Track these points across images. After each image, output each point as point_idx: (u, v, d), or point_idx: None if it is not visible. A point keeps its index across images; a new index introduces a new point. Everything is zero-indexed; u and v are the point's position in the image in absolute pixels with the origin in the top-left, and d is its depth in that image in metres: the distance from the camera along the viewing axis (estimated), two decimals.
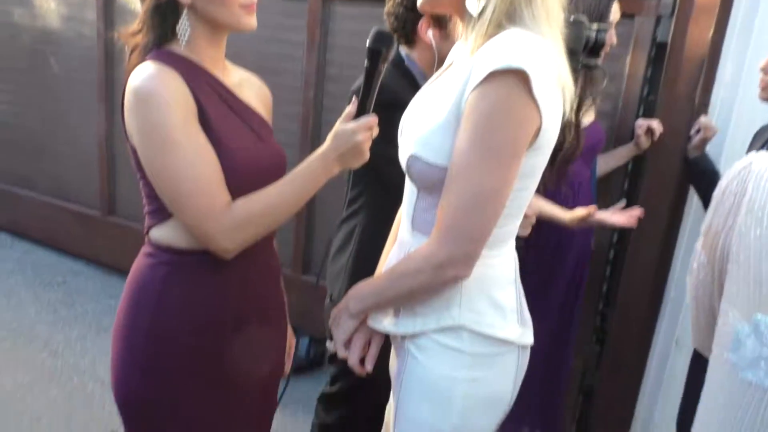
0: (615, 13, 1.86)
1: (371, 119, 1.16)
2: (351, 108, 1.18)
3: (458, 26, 1.15)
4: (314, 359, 2.91)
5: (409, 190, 1.15)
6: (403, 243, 1.17)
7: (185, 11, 1.11)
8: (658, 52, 2.21)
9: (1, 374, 2.70)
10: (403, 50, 1.68)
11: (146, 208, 1.18)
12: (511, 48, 0.94)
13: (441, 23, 1.57)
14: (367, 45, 1.16)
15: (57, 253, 4.05)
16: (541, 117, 0.98)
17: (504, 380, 1.12)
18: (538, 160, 1.06)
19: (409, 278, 1.05)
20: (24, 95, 3.99)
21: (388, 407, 1.35)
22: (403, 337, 1.14)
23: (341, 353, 1.18)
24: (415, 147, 1.06)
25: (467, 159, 0.98)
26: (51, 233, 4.06)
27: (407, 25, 1.61)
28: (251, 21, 1.14)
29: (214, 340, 1.19)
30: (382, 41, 1.15)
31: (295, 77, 2.89)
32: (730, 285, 0.95)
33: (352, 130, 1.14)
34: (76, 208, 3.90)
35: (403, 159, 1.10)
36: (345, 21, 2.80)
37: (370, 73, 1.16)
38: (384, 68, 1.18)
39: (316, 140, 2.90)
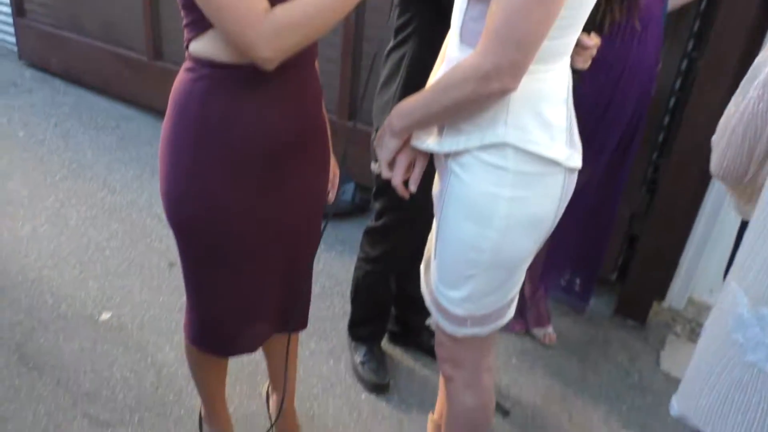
0: None
1: None
2: None
3: None
4: (359, 204, 2.96)
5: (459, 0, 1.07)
6: (451, 59, 1.11)
7: None
8: None
9: (66, 208, 2.86)
10: None
11: (184, 21, 1.14)
12: None
13: None
14: None
15: (109, 98, 4.12)
16: None
17: (547, 201, 1.10)
18: None
19: (454, 90, 1.00)
20: None
21: (429, 236, 1.37)
22: (447, 156, 1.12)
23: (385, 173, 1.18)
24: None
25: None
26: (102, 79, 4.10)
27: None
28: None
29: (256, 156, 1.19)
30: None
31: None
32: None
33: None
34: (124, 53, 3.89)
35: None
36: None
37: None
38: None
39: None
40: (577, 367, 2.21)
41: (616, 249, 2.50)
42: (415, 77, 1.53)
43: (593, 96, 1.87)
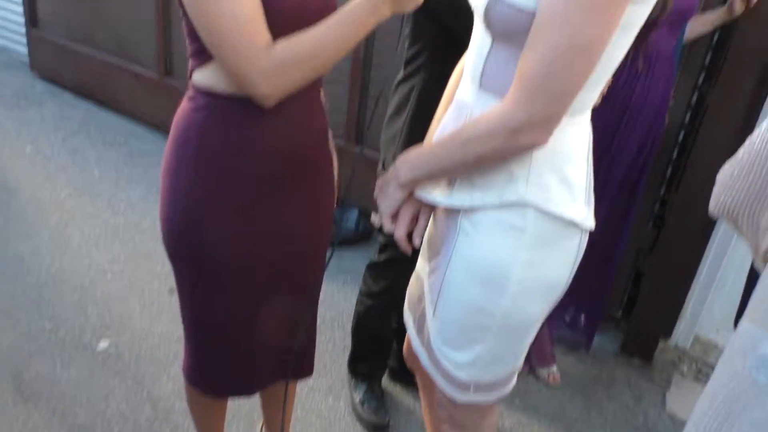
0: None
1: None
2: None
3: None
4: (363, 232, 2.93)
5: (479, 41, 1.01)
6: (464, 105, 1.04)
7: None
8: None
9: (69, 228, 2.85)
10: None
11: (189, 50, 1.12)
12: None
13: None
14: None
15: (118, 114, 4.12)
16: None
17: (563, 265, 1.05)
18: (639, 13, 0.92)
19: (478, 144, 0.94)
20: None
21: (413, 280, 1.27)
22: (454, 211, 1.05)
23: (387, 227, 1.11)
24: None
25: (563, 2, 0.84)
26: (113, 94, 4.11)
27: None
28: None
29: (256, 190, 1.17)
30: None
31: None
32: None
33: None
34: (135, 69, 3.90)
35: (480, 1, 0.94)
36: None
37: None
38: None
39: None
40: (582, 407, 2.17)
41: (622, 285, 2.46)
42: (424, 111, 1.50)
43: (595, 133, 1.84)
